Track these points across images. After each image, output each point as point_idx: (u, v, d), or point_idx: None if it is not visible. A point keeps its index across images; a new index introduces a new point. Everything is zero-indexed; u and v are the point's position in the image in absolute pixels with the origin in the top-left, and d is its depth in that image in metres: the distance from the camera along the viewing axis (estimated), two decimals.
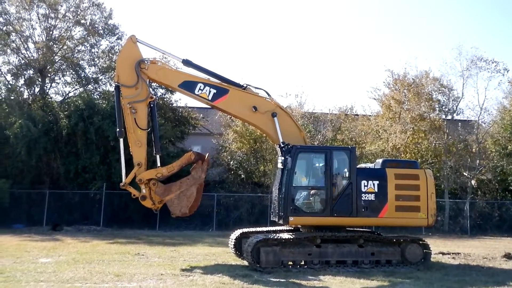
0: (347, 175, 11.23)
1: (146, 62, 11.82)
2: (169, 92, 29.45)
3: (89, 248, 14.42)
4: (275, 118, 11.62)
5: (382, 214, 11.22)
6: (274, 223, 12.57)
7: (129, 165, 11.90)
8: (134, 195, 11.92)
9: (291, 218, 10.95)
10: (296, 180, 11.21)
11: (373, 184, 11.26)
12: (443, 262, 12.84)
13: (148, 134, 12.02)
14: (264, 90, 12.09)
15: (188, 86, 11.72)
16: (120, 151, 11.87)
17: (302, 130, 12.60)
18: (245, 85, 12.06)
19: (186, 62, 12.10)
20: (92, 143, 23.26)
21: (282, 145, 11.51)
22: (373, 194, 11.20)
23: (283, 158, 11.27)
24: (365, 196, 11.17)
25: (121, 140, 11.72)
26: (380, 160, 12.34)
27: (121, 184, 11.78)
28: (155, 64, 11.94)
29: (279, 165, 11.50)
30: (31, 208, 23.25)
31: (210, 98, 11.65)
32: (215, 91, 11.64)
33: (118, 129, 11.72)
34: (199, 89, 11.64)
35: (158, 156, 12.18)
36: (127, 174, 11.79)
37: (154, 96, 12.35)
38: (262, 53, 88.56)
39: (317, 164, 11.68)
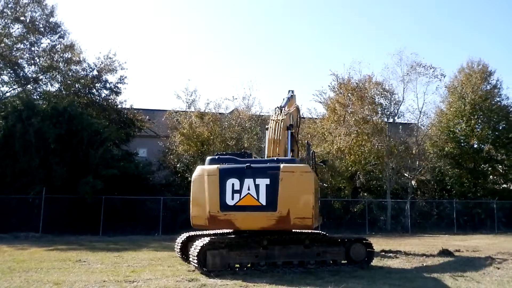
0: None
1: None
2: (113, 93, 28.77)
3: (27, 256, 13.75)
4: (266, 132, 12.62)
5: None
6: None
7: None
8: None
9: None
10: None
11: None
12: (386, 260, 13.22)
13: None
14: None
15: None
16: None
17: (268, 141, 12.31)
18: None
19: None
20: (31, 146, 22.21)
21: None
22: None
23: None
24: None
25: None
26: None
27: None
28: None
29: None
30: None
31: None
32: None
33: None
34: None
35: None
36: None
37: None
38: (208, 56, 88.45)
39: None
